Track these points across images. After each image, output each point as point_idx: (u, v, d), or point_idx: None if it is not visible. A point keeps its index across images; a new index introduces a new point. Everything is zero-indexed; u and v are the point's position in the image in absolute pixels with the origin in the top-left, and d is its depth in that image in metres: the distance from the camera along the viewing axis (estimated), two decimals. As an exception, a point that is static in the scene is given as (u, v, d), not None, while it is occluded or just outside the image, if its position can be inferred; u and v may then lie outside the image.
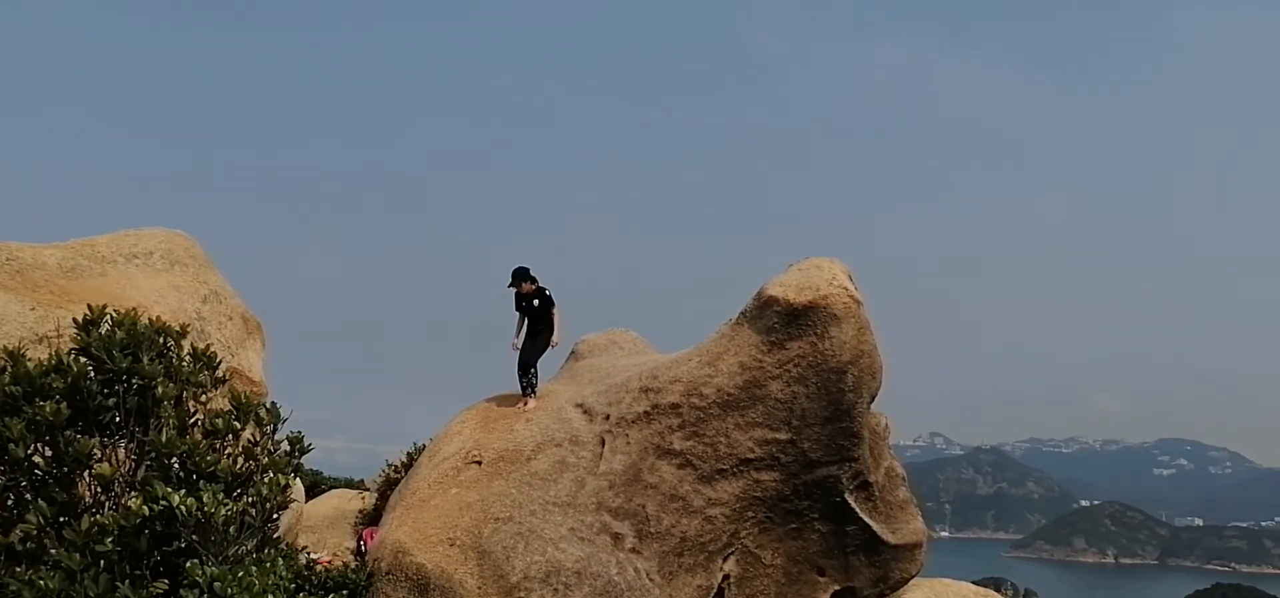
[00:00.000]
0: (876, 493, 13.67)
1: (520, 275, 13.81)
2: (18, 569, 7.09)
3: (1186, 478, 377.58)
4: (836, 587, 13.53)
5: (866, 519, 13.45)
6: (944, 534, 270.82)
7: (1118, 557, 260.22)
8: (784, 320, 12.69)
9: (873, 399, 13.43)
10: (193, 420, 8.22)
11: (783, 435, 12.76)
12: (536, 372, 14.04)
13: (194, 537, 7.10)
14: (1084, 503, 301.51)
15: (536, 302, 13.83)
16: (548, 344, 13.92)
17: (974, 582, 18.23)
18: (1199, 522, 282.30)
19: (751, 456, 12.76)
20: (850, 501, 13.27)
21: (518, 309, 13.94)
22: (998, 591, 19.04)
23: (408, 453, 17.50)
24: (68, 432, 7.49)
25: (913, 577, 14.75)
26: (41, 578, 6.65)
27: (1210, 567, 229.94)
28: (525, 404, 13.69)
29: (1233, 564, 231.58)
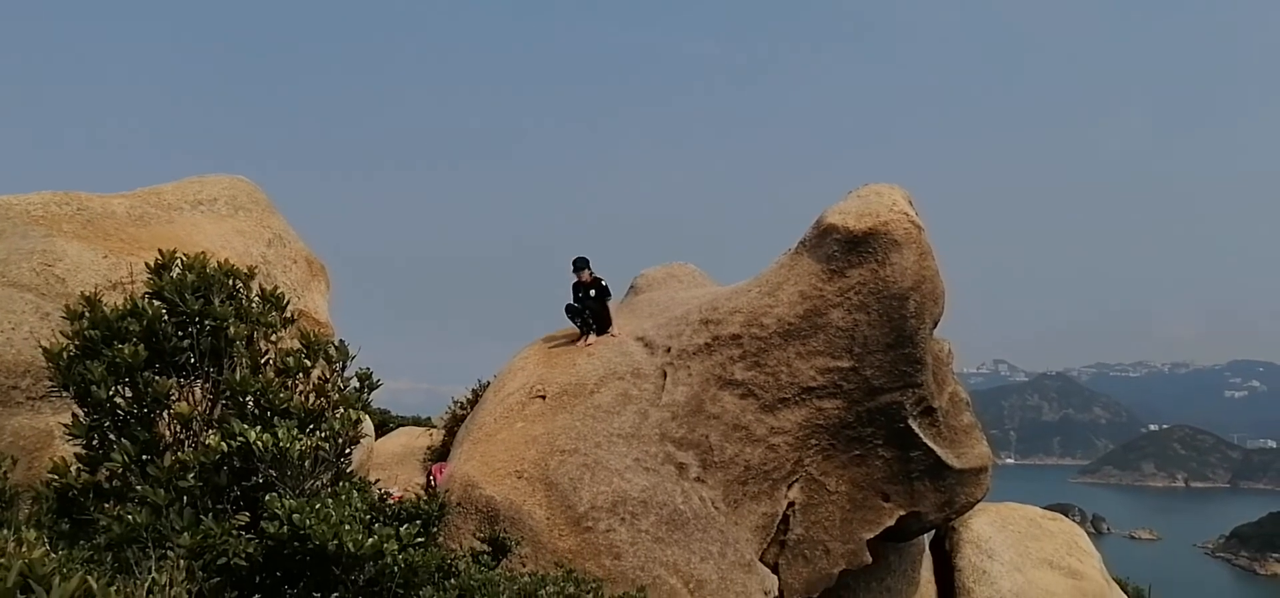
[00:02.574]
0: (940, 418, 13.59)
1: (580, 265, 14.04)
2: (106, 506, 7.34)
3: (1260, 400, 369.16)
4: (902, 512, 13.53)
5: (930, 444, 13.39)
6: (1009, 461, 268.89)
7: (1188, 481, 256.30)
8: (844, 248, 12.57)
9: (935, 325, 13.30)
10: (264, 360, 8.38)
11: (845, 363, 12.71)
12: (590, 312, 14.18)
13: (271, 471, 7.27)
14: (1153, 427, 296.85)
15: (593, 292, 14.08)
16: (605, 333, 14.10)
17: (1041, 508, 18.13)
18: (1273, 444, 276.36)
19: (813, 384, 12.74)
20: (914, 426, 13.21)
21: (575, 298, 14.09)
22: (1065, 516, 18.88)
23: (473, 390, 17.72)
24: (146, 373, 7.67)
25: (978, 501, 14.71)
26: (129, 513, 6.87)
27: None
28: (586, 340, 13.79)
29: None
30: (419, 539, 7.61)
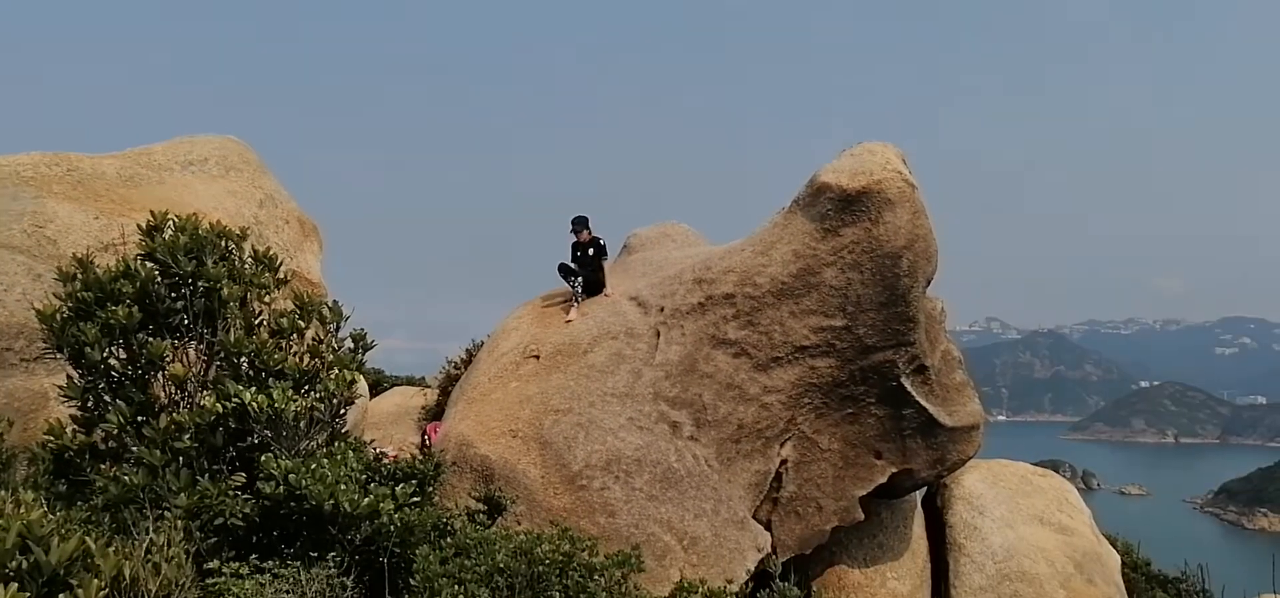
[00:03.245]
0: (933, 376, 13.65)
1: (580, 224, 13.99)
2: (103, 467, 7.38)
3: (1250, 356, 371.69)
4: (894, 469, 13.62)
5: (923, 402, 13.46)
6: (1001, 419, 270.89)
7: (1178, 436, 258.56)
8: (838, 207, 12.56)
9: (928, 284, 13.33)
10: (258, 321, 8.40)
11: (838, 322, 12.75)
12: (582, 275, 14.13)
13: (266, 432, 7.31)
14: (1143, 384, 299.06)
15: (592, 251, 14.05)
16: (599, 294, 14.06)
17: (1032, 464, 18.26)
18: (1262, 400, 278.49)
19: (806, 343, 12.78)
20: (906, 384, 13.27)
21: (573, 258, 14.07)
22: (1056, 473, 19.02)
23: (467, 350, 17.76)
24: (140, 335, 7.69)
25: (970, 458, 14.79)
26: (126, 474, 6.92)
27: (1273, 444, 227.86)
28: (574, 308, 13.72)
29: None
30: (414, 499, 7.67)
